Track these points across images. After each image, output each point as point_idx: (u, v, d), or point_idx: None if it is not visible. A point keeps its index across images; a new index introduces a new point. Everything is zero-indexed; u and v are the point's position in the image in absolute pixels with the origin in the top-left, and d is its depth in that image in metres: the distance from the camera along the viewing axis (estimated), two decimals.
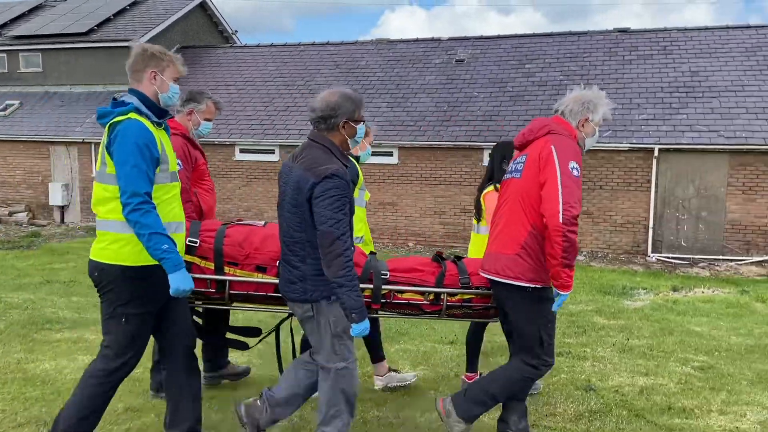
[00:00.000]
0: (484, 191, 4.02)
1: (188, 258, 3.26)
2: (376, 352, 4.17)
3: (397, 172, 13.85)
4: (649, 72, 13.84)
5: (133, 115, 2.85)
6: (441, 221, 13.64)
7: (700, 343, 5.37)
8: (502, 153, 3.95)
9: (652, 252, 12.21)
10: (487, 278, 3.26)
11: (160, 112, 2.97)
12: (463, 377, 4.19)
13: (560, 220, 2.97)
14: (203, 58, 18.02)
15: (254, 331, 3.78)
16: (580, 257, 12.15)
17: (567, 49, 15.17)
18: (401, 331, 5.67)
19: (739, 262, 11.60)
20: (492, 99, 14.12)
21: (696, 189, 11.99)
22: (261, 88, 16.40)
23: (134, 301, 2.89)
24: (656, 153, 12.09)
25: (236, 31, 21.42)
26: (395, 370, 4.25)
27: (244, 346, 3.77)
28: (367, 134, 3.95)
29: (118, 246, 2.86)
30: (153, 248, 2.76)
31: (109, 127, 2.85)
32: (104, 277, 2.89)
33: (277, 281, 3.24)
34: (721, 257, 11.86)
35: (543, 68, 14.72)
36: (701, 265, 11.59)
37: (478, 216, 4.08)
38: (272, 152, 14.68)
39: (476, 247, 3.87)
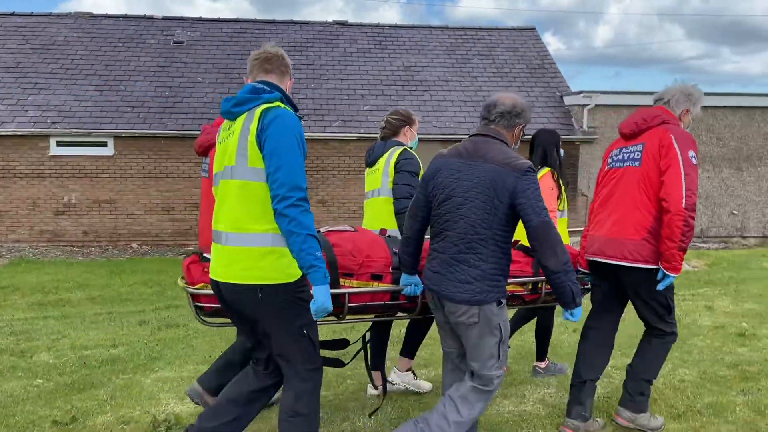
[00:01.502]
0: (539, 175, 4.02)
1: None
2: (413, 348, 4.03)
3: (114, 165, 12.23)
4: (368, 65, 14.54)
5: (282, 105, 2.55)
6: (170, 218, 12.48)
7: None
8: (555, 141, 4.22)
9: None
10: (606, 263, 3.30)
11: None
12: (535, 365, 4.40)
13: (683, 206, 3.06)
14: None
15: (342, 344, 3.19)
16: None
17: (291, 37, 15.10)
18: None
19: None
20: (218, 85, 13.34)
21: None
22: None
23: (304, 308, 2.53)
24: None
25: None
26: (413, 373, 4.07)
27: (339, 364, 3.13)
28: (414, 122, 4.00)
29: (264, 259, 2.47)
30: (307, 252, 2.41)
31: (260, 115, 2.47)
32: (254, 299, 2.49)
33: (396, 288, 3.09)
34: None
35: None
36: None
37: None
38: None
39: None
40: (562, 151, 4.22)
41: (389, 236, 3.42)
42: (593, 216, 3.50)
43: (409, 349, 4.01)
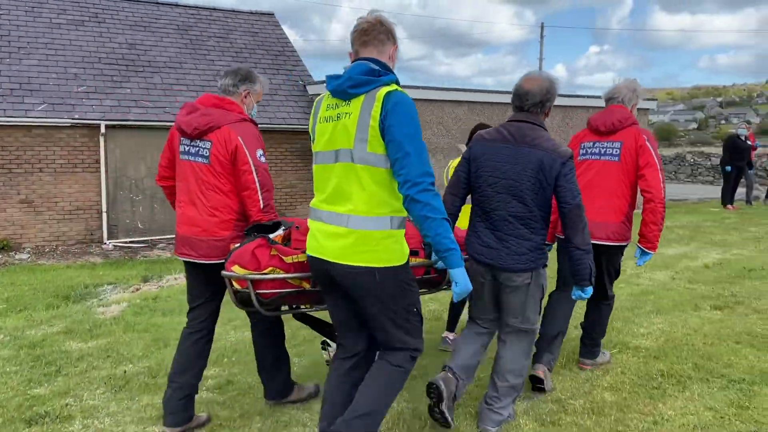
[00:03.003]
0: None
1: None
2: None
3: None
4: (83, 40, 12.39)
5: (399, 88, 2.49)
6: None
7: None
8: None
9: (109, 239, 11.11)
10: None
11: None
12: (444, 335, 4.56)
13: (663, 195, 3.73)
14: None
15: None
16: (23, 256, 10.01)
17: None
18: None
19: None
20: None
21: (148, 168, 11.42)
22: None
23: (412, 289, 2.66)
24: (103, 130, 10.92)
25: None
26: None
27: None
28: None
29: (381, 242, 2.48)
30: (443, 236, 2.47)
31: (382, 100, 2.41)
32: (370, 281, 2.50)
33: (430, 262, 3.19)
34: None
35: None
36: (161, 246, 11.19)
37: None
38: None
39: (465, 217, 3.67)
40: None
41: None
42: None
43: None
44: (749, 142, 14.14)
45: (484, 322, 3.34)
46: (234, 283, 2.90)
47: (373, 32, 2.55)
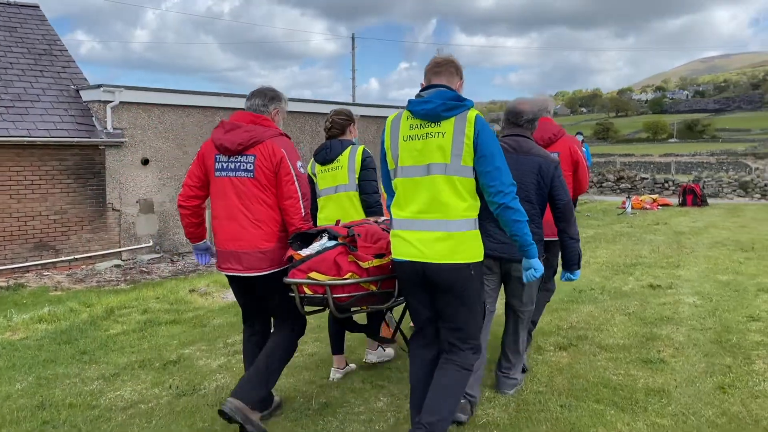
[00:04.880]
0: None
1: None
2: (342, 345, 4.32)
3: None
4: None
5: (477, 111, 2.93)
6: None
7: None
8: None
9: None
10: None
11: None
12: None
13: (587, 189, 4.55)
14: None
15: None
16: None
17: None
18: None
19: None
20: None
21: None
22: None
23: (480, 286, 3.04)
24: None
25: None
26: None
27: (391, 341, 3.91)
28: (355, 120, 4.34)
29: (472, 242, 2.90)
30: (528, 235, 2.91)
31: (474, 121, 2.85)
32: (462, 276, 2.90)
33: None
34: None
35: None
36: None
37: None
38: None
39: None
40: None
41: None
42: None
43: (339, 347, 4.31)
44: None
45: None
46: (306, 288, 3.11)
47: (444, 65, 3.00)
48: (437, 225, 2.84)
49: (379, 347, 4.50)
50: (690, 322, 5.29)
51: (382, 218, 3.78)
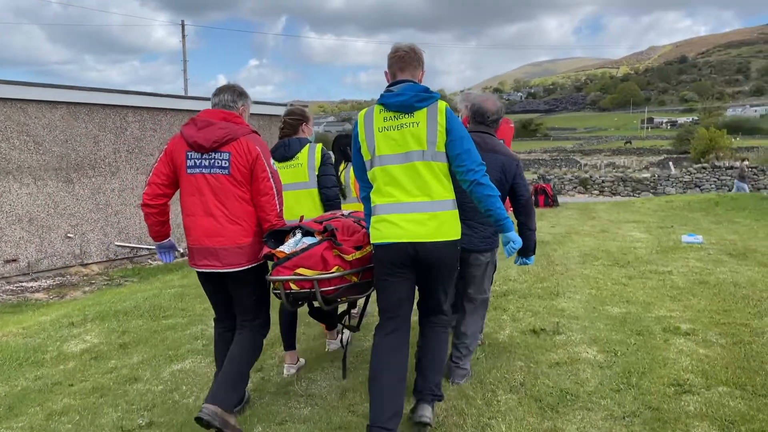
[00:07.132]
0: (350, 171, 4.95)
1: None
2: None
3: None
4: None
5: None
6: None
7: None
8: (348, 143, 4.99)
9: None
10: None
11: None
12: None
13: None
14: None
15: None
16: None
17: None
18: None
19: None
20: None
21: None
22: None
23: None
24: None
25: None
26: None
27: (355, 329, 4.09)
28: (310, 119, 4.51)
29: (454, 221, 3.16)
30: (501, 209, 3.15)
31: (444, 111, 3.10)
32: (449, 253, 3.15)
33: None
34: None
35: None
36: None
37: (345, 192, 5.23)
38: None
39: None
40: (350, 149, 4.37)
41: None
42: None
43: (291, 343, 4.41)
44: None
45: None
46: (292, 284, 3.20)
47: (407, 59, 3.25)
48: (424, 206, 3.09)
49: (339, 336, 4.62)
50: (602, 401, 3.63)
51: (348, 212, 3.89)
